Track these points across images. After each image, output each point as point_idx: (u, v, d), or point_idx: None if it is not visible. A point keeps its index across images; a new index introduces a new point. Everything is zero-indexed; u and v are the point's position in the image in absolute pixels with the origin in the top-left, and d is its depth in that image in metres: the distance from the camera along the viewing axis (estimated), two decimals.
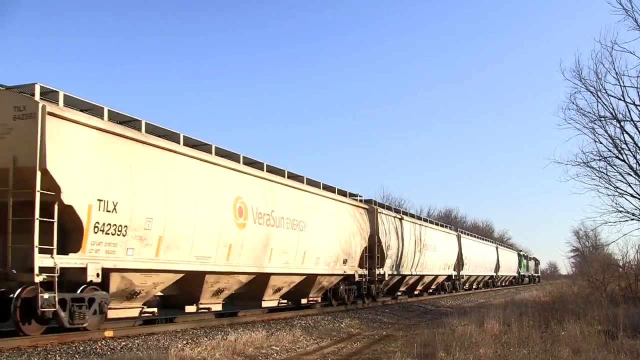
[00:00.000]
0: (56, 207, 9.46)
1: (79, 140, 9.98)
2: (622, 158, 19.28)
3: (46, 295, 9.24)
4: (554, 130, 62.21)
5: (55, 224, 9.42)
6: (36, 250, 9.06)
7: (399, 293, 28.39)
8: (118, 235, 10.54)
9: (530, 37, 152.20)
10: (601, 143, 19.75)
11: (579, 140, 46.35)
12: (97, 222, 10.08)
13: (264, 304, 16.32)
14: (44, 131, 9.26)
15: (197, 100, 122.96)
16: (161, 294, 12.71)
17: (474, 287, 43.96)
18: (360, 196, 23.08)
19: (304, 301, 18.63)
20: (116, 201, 10.44)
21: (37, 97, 9.70)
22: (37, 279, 9.07)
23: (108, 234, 10.33)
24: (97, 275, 10.07)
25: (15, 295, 9.13)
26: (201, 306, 13.70)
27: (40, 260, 9.14)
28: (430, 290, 33.59)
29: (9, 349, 8.82)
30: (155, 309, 12.37)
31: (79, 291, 10.06)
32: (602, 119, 19.37)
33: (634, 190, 19.42)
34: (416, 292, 31.20)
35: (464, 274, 38.51)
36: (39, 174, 9.20)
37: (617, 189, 19.80)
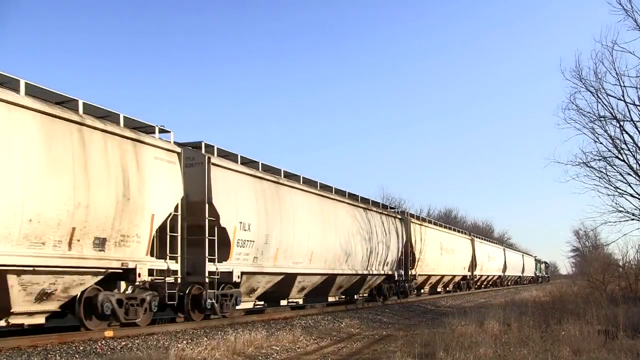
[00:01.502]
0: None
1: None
2: (622, 158, 19.29)
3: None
4: (554, 130, 62.42)
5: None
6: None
7: (475, 287, 43.17)
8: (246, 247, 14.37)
9: (530, 36, 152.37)
10: (601, 143, 19.78)
11: (578, 140, 46.31)
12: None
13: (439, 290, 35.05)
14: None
15: (197, 100, 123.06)
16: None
17: (509, 283, 59.62)
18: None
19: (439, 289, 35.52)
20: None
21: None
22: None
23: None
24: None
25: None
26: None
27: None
28: (489, 285, 50.47)
29: (8, 348, 8.81)
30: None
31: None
32: (602, 119, 19.38)
33: (634, 190, 19.44)
34: (482, 286, 47.29)
35: (506, 274, 55.68)
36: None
37: (617, 189, 19.83)
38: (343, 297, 22.21)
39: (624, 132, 19.11)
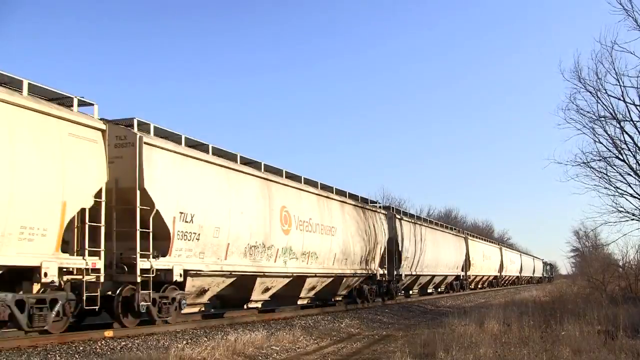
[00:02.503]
0: None
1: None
2: (622, 158, 19.27)
3: None
4: (554, 130, 62.48)
5: None
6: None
7: (501, 284, 54.20)
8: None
9: (530, 36, 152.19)
10: (601, 143, 19.76)
11: (579, 141, 46.11)
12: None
13: None
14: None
15: (196, 100, 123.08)
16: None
17: (523, 282, 69.24)
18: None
19: None
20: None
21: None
22: None
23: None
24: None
25: None
26: None
27: None
28: (510, 283, 60.73)
29: (9, 349, 8.81)
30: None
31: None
32: (602, 119, 19.36)
33: (634, 191, 19.42)
34: (505, 284, 57.85)
35: (523, 275, 68.44)
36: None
37: (617, 189, 19.81)
38: (435, 289, 34.48)
39: (623, 132, 19.11)
